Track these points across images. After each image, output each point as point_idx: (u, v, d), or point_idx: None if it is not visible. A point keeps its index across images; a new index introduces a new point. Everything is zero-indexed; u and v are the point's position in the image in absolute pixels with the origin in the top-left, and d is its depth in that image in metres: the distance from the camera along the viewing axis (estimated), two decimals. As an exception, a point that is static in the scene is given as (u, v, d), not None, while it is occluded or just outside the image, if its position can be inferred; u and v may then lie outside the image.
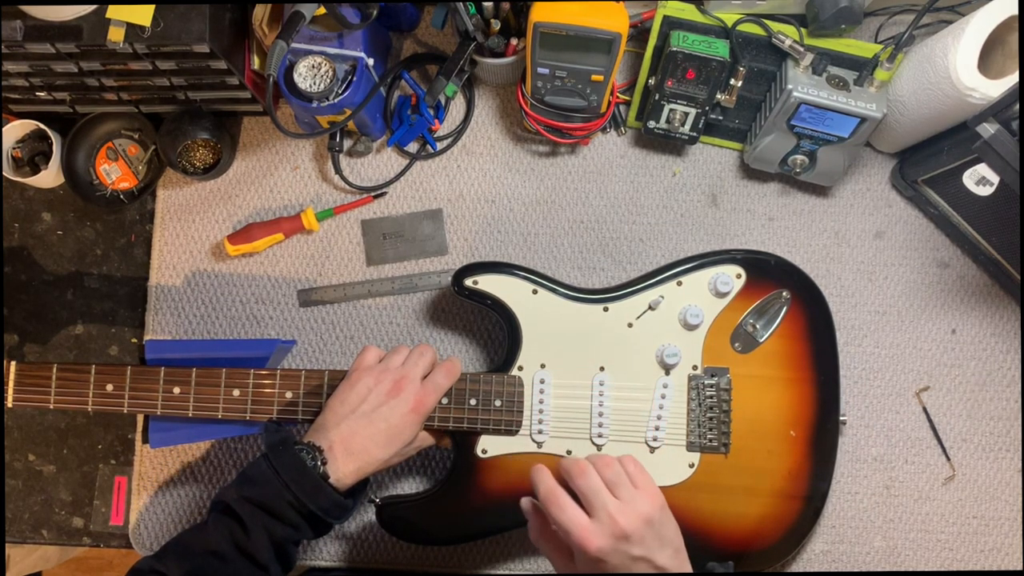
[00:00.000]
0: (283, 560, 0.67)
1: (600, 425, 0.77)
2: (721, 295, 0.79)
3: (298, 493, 0.65)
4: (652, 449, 0.78)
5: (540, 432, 0.77)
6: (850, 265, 0.89)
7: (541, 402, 0.77)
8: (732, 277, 0.79)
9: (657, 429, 0.77)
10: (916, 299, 0.89)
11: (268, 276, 0.90)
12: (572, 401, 0.78)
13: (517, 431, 0.77)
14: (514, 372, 0.78)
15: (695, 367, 0.79)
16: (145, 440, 0.84)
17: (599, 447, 0.77)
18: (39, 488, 0.89)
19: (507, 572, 0.87)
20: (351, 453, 0.69)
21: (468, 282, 0.79)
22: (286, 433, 0.70)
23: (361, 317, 0.89)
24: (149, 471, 0.88)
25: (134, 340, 0.90)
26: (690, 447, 0.78)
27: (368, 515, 0.86)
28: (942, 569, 0.86)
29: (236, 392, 0.76)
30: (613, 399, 0.78)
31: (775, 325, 0.79)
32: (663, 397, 0.78)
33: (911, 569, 0.86)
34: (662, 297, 0.79)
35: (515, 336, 0.79)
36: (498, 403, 0.77)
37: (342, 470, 0.68)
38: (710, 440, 0.78)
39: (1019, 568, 0.86)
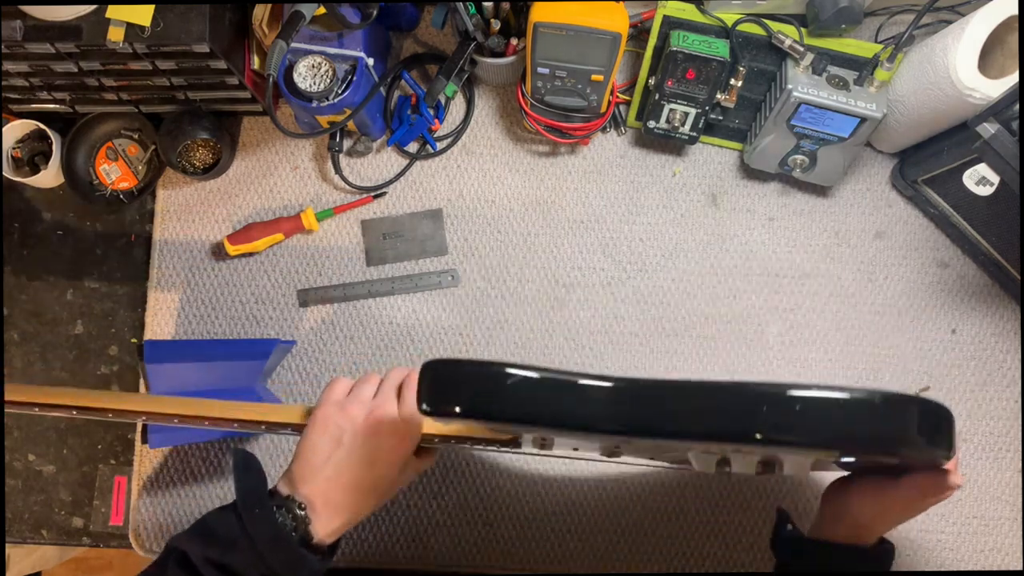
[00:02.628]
0: None
1: None
2: None
3: (273, 564, 0.56)
4: None
5: (543, 443, 0.74)
6: (850, 265, 0.89)
7: None
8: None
9: None
10: (916, 299, 0.89)
11: (268, 276, 0.90)
12: None
13: (521, 444, 0.75)
14: None
15: None
16: (144, 440, 0.84)
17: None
18: (39, 488, 0.89)
19: (507, 572, 0.87)
20: (335, 508, 0.60)
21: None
22: (259, 481, 0.61)
23: (361, 317, 0.89)
24: (149, 471, 0.88)
25: (134, 340, 0.90)
26: None
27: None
28: (942, 569, 0.86)
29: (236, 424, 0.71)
30: None
31: None
32: None
33: (911, 569, 0.86)
34: None
35: None
36: None
37: (327, 528, 0.60)
38: None
39: (1019, 568, 0.86)
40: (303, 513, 0.59)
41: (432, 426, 0.66)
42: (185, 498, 0.88)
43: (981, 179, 0.79)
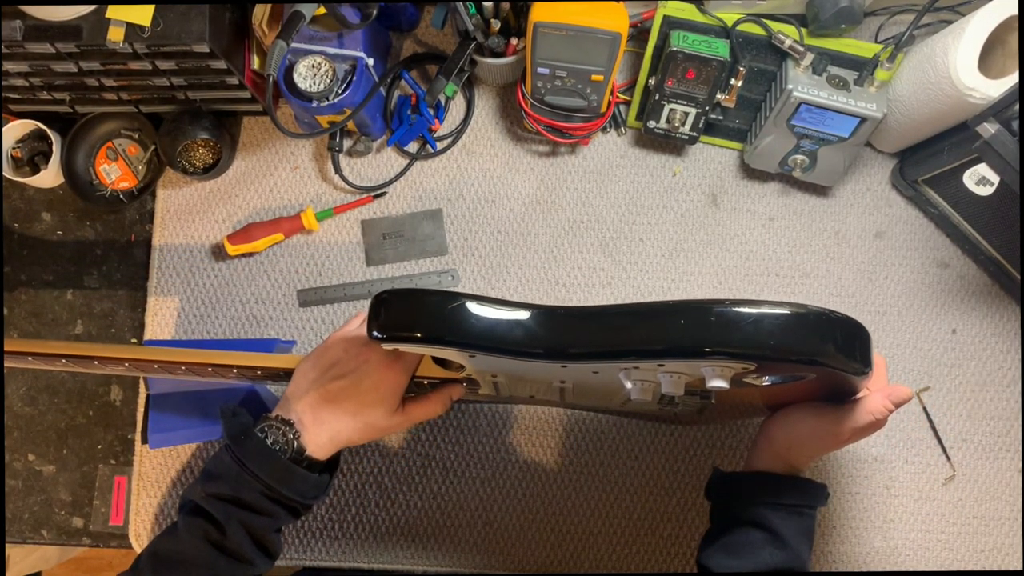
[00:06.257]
0: (266, 550, 0.64)
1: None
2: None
3: (268, 481, 0.60)
4: None
5: (495, 382, 0.67)
6: (850, 265, 0.89)
7: None
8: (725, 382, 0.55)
9: None
10: (916, 299, 0.89)
11: (268, 276, 0.90)
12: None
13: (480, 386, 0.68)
14: None
15: None
16: (144, 440, 0.84)
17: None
18: (39, 488, 0.89)
19: (507, 572, 0.87)
20: (320, 421, 0.63)
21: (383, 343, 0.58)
22: (245, 417, 0.64)
23: (361, 317, 0.89)
24: (149, 471, 0.88)
25: (134, 340, 0.90)
26: None
27: (367, 515, 0.87)
28: (942, 569, 0.86)
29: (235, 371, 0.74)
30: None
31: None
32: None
33: (911, 569, 0.86)
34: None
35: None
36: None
37: (316, 441, 0.63)
38: None
39: (1019, 568, 0.86)
40: (293, 429, 0.62)
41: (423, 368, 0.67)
42: (185, 498, 0.88)
43: (981, 179, 0.79)
